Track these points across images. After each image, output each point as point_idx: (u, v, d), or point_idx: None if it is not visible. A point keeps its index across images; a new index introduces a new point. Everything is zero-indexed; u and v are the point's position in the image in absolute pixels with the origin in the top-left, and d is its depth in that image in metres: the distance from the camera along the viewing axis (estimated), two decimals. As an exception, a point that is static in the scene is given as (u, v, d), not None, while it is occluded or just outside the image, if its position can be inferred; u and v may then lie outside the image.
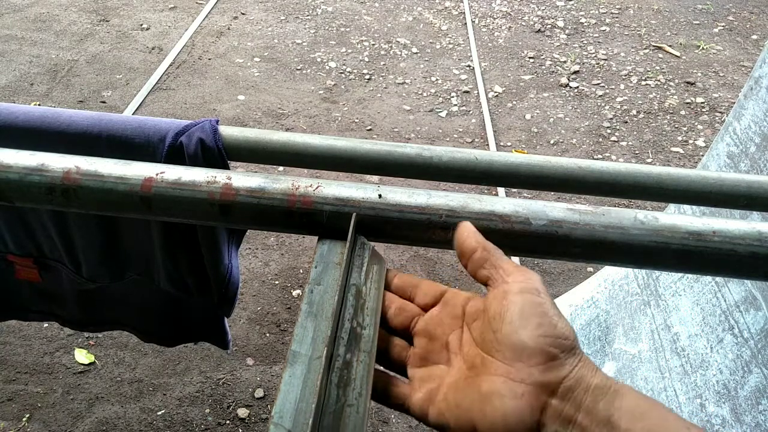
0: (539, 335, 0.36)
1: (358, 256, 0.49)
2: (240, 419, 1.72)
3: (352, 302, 0.45)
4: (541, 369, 0.35)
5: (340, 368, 0.41)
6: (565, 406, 0.35)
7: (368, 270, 0.48)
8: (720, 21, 4.26)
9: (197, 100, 3.12)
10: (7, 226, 0.87)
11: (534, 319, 0.36)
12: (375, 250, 0.50)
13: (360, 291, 0.46)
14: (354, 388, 0.40)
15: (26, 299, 1.04)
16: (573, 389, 0.35)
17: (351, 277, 0.47)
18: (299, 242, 2.33)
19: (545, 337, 0.36)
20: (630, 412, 0.34)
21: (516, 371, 0.36)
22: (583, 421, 0.34)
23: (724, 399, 1.12)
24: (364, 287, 0.47)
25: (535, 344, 0.36)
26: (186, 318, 1.05)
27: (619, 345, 1.51)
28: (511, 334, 0.36)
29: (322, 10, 4.16)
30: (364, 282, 0.47)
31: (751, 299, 1.13)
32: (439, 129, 3.05)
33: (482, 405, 0.36)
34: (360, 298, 0.46)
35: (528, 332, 0.36)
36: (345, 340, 0.42)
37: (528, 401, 0.35)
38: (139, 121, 0.73)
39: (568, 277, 2.25)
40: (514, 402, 0.35)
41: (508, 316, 0.37)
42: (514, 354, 0.36)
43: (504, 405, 0.35)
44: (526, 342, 0.36)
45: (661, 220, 0.49)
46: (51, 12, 3.86)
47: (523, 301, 0.37)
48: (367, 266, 0.48)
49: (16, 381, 1.76)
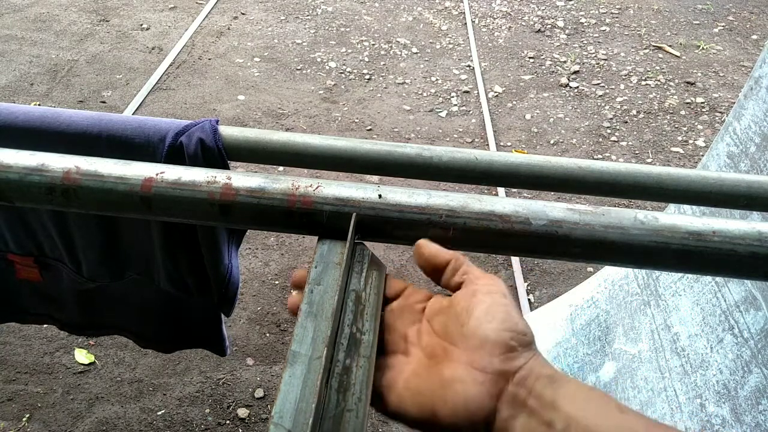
0: (502, 329, 0.40)
1: (358, 262, 0.49)
2: (240, 419, 1.72)
3: (351, 308, 0.46)
4: (501, 359, 0.39)
5: (340, 373, 0.41)
6: (519, 390, 0.38)
7: (368, 276, 0.48)
8: (720, 21, 4.26)
9: (197, 100, 3.12)
10: (8, 226, 0.87)
11: (499, 315, 0.40)
12: (374, 256, 0.50)
13: (360, 296, 0.47)
14: (354, 393, 0.40)
15: (25, 302, 1.04)
16: (526, 378, 0.39)
17: (351, 282, 0.47)
18: (299, 242, 2.33)
19: (507, 332, 0.40)
20: (572, 397, 0.37)
21: (478, 360, 0.39)
22: (532, 404, 0.38)
23: (724, 399, 1.12)
24: (364, 293, 0.47)
25: (498, 337, 0.39)
26: (185, 323, 1.05)
27: (619, 345, 1.51)
28: (477, 327, 0.40)
29: (322, 10, 4.16)
30: (363, 287, 0.48)
31: (751, 299, 1.13)
32: (439, 129, 3.05)
33: (444, 391, 0.39)
34: (360, 303, 0.46)
35: (492, 326, 0.40)
36: (345, 346, 0.43)
37: (488, 387, 0.38)
38: (139, 121, 0.73)
39: (568, 277, 2.25)
40: (476, 388, 0.38)
41: (476, 312, 0.41)
42: (478, 344, 0.40)
43: (466, 390, 0.38)
44: (490, 334, 0.39)
45: (661, 220, 0.49)
46: (51, 12, 3.86)
47: (490, 300, 0.41)
48: (367, 272, 0.49)
49: (16, 381, 1.76)
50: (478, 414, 0.38)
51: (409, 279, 2.21)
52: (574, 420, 0.36)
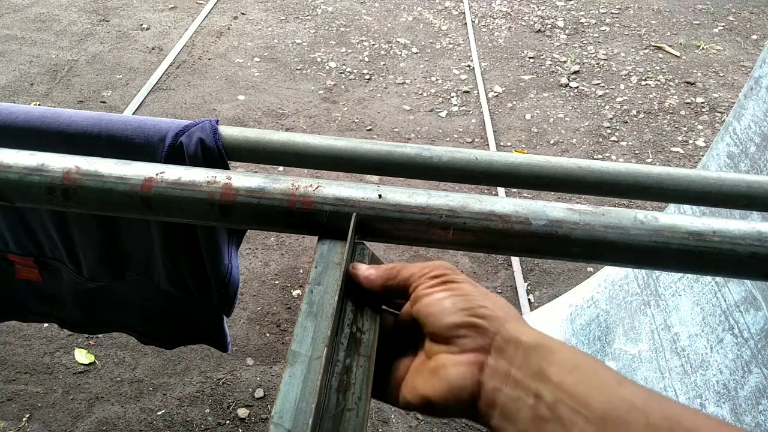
0: (460, 312, 0.42)
1: (359, 261, 0.49)
2: (240, 419, 1.72)
3: (351, 307, 0.46)
4: (471, 337, 0.41)
5: (340, 373, 0.41)
6: (499, 362, 0.39)
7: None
8: (720, 21, 4.26)
9: (197, 100, 3.12)
10: (8, 226, 0.87)
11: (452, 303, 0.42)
12: (375, 255, 0.50)
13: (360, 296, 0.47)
14: (354, 392, 0.41)
15: (26, 300, 1.04)
16: (504, 348, 0.40)
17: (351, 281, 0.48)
18: (299, 242, 2.33)
19: (465, 311, 0.41)
20: (561, 365, 0.37)
21: (453, 346, 0.41)
22: (516, 375, 0.38)
23: (724, 399, 1.12)
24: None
25: (459, 320, 0.41)
26: (186, 320, 1.05)
27: (619, 345, 1.51)
28: (440, 324, 0.42)
29: (322, 10, 4.16)
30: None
31: (751, 299, 1.13)
32: (439, 129, 3.05)
33: (432, 379, 0.41)
34: (359, 302, 0.46)
35: (451, 316, 0.42)
36: (345, 345, 0.43)
37: (467, 365, 0.40)
38: (139, 121, 0.73)
39: (568, 277, 2.25)
40: (456, 369, 0.40)
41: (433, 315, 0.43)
42: (448, 335, 0.42)
43: (447, 373, 0.40)
44: (452, 322, 0.41)
45: (661, 220, 0.49)
46: (51, 12, 3.86)
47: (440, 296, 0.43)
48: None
49: (16, 381, 1.76)
50: (462, 392, 0.39)
51: (409, 279, 2.21)
52: (565, 392, 0.35)
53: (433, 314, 0.42)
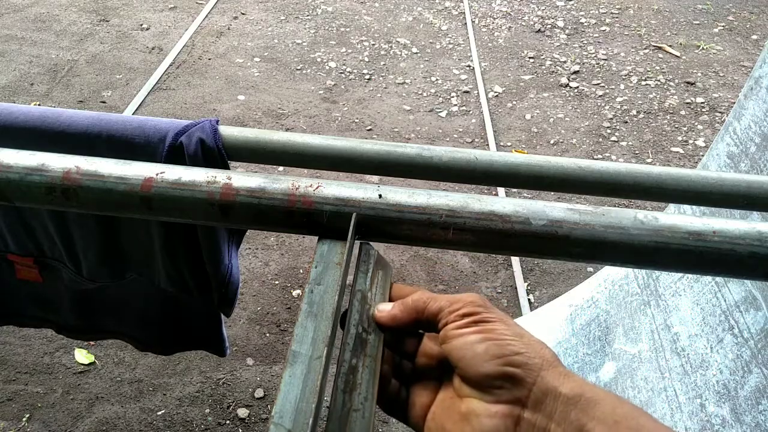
0: (494, 361, 0.39)
1: (364, 262, 0.49)
2: (240, 419, 1.72)
3: (357, 308, 0.45)
4: (506, 388, 0.38)
5: (346, 373, 0.41)
6: (537, 417, 0.37)
7: (373, 275, 0.49)
8: (720, 21, 4.26)
9: (197, 100, 3.12)
10: (8, 226, 0.87)
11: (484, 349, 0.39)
12: (380, 256, 0.51)
13: (365, 296, 0.47)
14: (360, 392, 0.40)
15: (22, 305, 1.03)
16: (542, 401, 0.37)
17: (357, 283, 0.47)
18: (299, 242, 2.33)
19: (499, 359, 0.39)
20: (602, 421, 0.35)
21: (487, 394, 0.39)
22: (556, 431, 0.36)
23: (724, 399, 1.12)
24: (370, 293, 0.47)
25: (493, 370, 0.39)
26: (184, 324, 1.04)
27: (619, 345, 1.51)
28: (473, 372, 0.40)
29: (322, 10, 4.16)
30: (369, 288, 0.48)
31: (751, 299, 1.13)
32: (439, 129, 3.05)
33: (463, 426, 0.39)
34: (366, 303, 0.46)
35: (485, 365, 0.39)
36: (351, 346, 0.43)
37: (501, 418, 0.38)
38: (139, 121, 0.73)
39: (568, 277, 2.25)
40: (490, 420, 0.38)
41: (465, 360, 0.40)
42: (480, 384, 0.39)
43: (481, 424, 0.38)
44: (486, 372, 0.39)
45: (661, 220, 0.49)
46: (51, 12, 3.86)
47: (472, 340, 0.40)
48: (373, 272, 0.49)
49: (16, 381, 1.76)
50: None
51: (410, 279, 2.21)
52: None
53: (464, 359, 0.40)
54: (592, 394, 0.36)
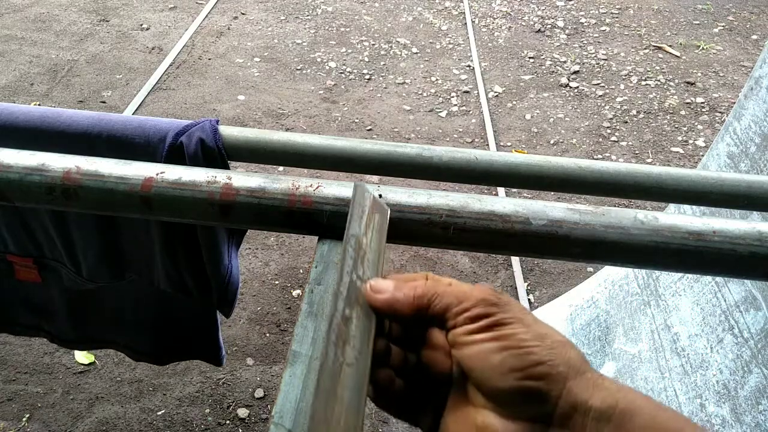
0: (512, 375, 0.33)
1: (359, 204, 0.45)
2: (240, 419, 1.72)
3: (351, 254, 0.41)
4: (528, 404, 0.33)
5: (339, 324, 0.36)
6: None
7: (369, 219, 0.45)
8: (720, 21, 4.25)
9: (197, 100, 3.12)
10: (7, 226, 0.87)
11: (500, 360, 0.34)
12: (377, 199, 0.47)
13: (360, 242, 0.42)
14: (354, 346, 0.36)
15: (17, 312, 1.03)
16: (570, 416, 0.33)
17: (350, 227, 0.43)
18: (299, 242, 2.33)
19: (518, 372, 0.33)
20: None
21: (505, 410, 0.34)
22: None
23: (724, 399, 1.12)
24: (365, 238, 0.43)
25: (512, 385, 0.33)
26: (180, 333, 1.04)
27: (619, 345, 1.51)
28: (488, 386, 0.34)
29: (322, 10, 4.16)
30: (364, 232, 0.43)
31: (751, 299, 1.13)
32: (439, 129, 3.05)
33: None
34: (360, 249, 0.42)
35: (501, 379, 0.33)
36: (344, 295, 0.38)
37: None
38: (139, 121, 0.73)
39: (568, 277, 2.25)
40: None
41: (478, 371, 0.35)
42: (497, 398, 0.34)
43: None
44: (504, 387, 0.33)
45: (661, 220, 0.49)
46: (51, 12, 3.86)
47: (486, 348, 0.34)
48: (368, 215, 0.45)
49: (16, 381, 1.76)
50: None
51: (409, 279, 2.21)
52: None
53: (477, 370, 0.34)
54: (626, 403, 0.32)
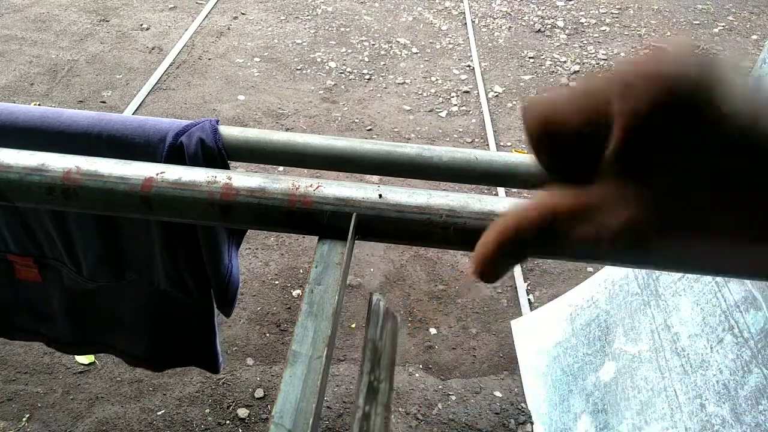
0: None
1: (374, 313, 0.50)
2: (240, 419, 1.72)
3: (369, 356, 0.46)
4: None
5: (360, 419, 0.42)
6: None
7: (383, 327, 0.49)
8: (720, 21, 4.26)
9: (197, 100, 3.12)
10: (8, 226, 0.87)
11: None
12: (389, 309, 0.52)
13: (376, 346, 0.47)
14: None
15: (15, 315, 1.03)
16: None
17: (368, 333, 0.48)
18: (299, 242, 2.33)
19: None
20: None
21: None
22: None
23: (724, 399, 1.12)
24: (380, 342, 0.48)
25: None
26: (178, 338, 1.03)
27: (619, 345, 1.51)
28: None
29: (322, 10, 4.16)
30: (379, 337, 0.48)
31: (751, 299, 1.13)
32: (439, 129, 3.05)
33: None
34: (376, 352, 0.47)
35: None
36: (364, 393, 0.44)
37: None
38: (139, 121, 0.73)
39: (568, 277, 2.25)
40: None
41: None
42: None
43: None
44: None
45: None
46: (51, 12, 3.86)
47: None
48: (382, 323, 0.49)
49: (16, 381, 1.76)
50: None
51: (409, 279, 2.21)
52: None
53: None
54: None
